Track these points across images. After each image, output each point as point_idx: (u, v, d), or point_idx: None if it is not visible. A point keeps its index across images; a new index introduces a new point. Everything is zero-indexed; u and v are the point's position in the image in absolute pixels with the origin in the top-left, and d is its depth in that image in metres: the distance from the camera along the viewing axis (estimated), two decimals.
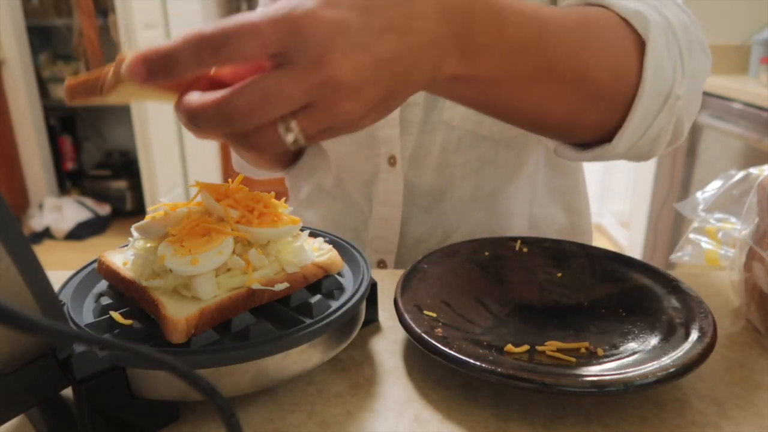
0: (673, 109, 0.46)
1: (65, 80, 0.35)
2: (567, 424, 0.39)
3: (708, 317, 0.44)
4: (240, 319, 0.40)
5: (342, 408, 0.41)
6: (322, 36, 0.30)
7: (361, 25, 0.31)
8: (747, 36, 2.19)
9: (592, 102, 0.45)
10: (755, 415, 0.40)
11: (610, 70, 0.45)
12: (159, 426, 0.38)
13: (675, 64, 0.46)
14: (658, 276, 0.51)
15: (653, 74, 0.45)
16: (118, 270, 0.43)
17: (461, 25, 0.36)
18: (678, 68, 0.46)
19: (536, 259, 0.56)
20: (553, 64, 0.42)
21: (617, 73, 0.45)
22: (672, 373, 0.37)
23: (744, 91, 1.94)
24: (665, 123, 0.47)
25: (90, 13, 2.98)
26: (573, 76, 0.43)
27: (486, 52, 0.38)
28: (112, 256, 0.45)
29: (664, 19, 0.46)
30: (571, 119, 0.47)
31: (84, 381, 0.34)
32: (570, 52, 0.43)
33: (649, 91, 0.45)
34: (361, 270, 0.46)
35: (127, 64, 0.30)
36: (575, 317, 0.49)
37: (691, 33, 0.48)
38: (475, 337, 0.45)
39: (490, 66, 0.39)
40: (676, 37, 0.46)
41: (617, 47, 0.45)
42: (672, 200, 2.33)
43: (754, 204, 0.50)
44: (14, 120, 2.98)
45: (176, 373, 0.23)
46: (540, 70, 0.42)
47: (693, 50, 0.47)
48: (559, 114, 0.46)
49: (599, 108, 0.46)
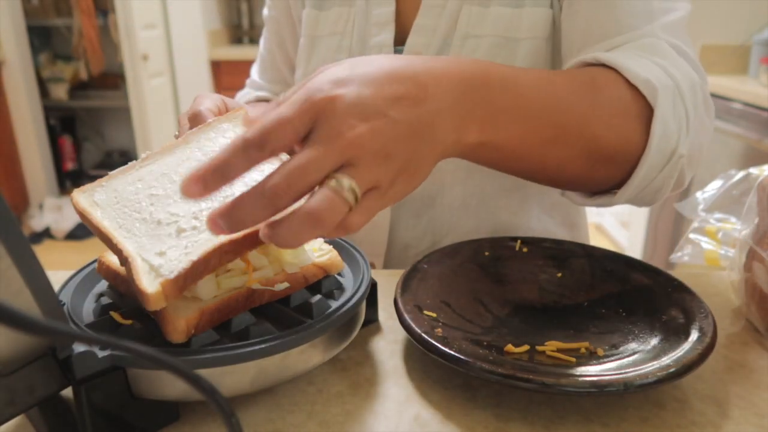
0: (677, 165, 0.49)
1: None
2: (567, 424, 0.39)
3: (708, 317, 0.44)
4: (240, 319, 0.40)
5: (342, 408, 0.41)
6: (340, 111, 0.33)
7: (374, 96, 0.34)
8: (747, 36, 2.19)
9: (603, 162, 0.48)
10: (755, 415, 0.40)
11: (619, 135, 0.47)
12: (159, 426, 0.38)
13: (680, 125, 0.48)
14: (658, 276, 0.51)
15: (659, 138, 0.47)
16: (118, 270, 0.43)
17: (479, 94, 0.39)
18: (683, 129, 0.49)
19: (536, 259, 0.56)
20: (566, 130, 0.45)
21: (626, 137, 0.48)
22: (672, 373, 0.37)
23: (744, 91, 1.94)
24: (668, 177, 0.50)
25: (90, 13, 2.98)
26: (585, 140, 0.46)
27: (504, 121, 0.41)
28: (112, 256, 0.45)
29: (673, 81, 0.49)
30: (583, 177, 0.50)
31: (84, 381, 0.34)
32: (581, 119, 0.46)
33: (654, 153, 0.47)
34: (361, 270, 0.46)
35: (209, 224, 0.33)
36: (575, 317, 0.49)
37: (697, 93, 0.50)
38: (475, 337, 0.45)
39: (508, 133, 0.42)
40: (683, 99, 0.49)
41: (626, 113, 0.48)
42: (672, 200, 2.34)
43: (754, 204, 0.50)
44: (14, 120, 2.98)
45: (177, 373, 0.23)
46: (554, 136, 0.45)
47: (698, 110, 0.50)
48: (574, 173, 0.49)
49: (609, 167, 0.49)
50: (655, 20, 0.53)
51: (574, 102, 0.46)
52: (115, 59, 3.05)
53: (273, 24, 0.76)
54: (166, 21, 3.03)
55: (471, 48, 0.61)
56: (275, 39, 0.76)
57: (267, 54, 0.78)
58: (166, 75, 3.11)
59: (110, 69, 3.24)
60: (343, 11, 0.66)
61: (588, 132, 0.46)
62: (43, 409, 0.38)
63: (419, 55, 0.52)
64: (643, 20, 0.53)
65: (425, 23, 0.63)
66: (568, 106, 0.45)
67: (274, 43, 0.77)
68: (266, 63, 0.79)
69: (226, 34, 3.61)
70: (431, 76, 0.37)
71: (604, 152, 0.48)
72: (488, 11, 0.61)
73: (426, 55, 0.43)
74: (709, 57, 2.22)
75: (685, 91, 0.49)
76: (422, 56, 0.39)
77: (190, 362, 0.36)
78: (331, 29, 0.67)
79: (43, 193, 3.15)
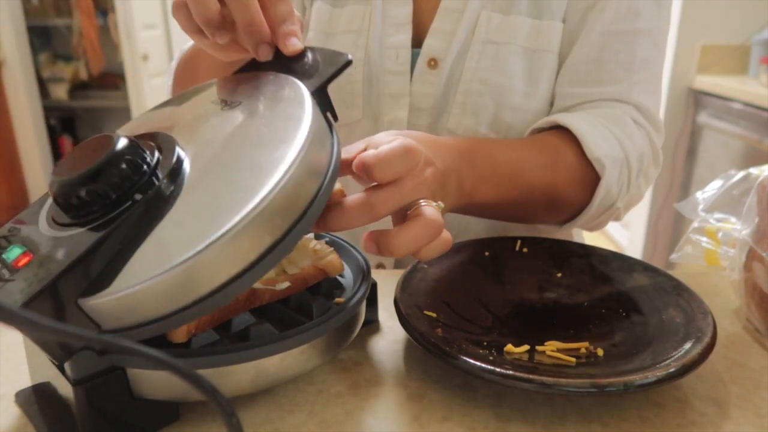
0: (613, 213, 0.64)
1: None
2: (567, 424, 0.39)
3: (708, 317, 0.44)
4: (240, 319, 0.40)
5: (342, 408, 0.41)
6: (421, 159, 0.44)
7: (428, 153, 0.46)
8: (747, 36, 2.19)
9: (561, 209, 0.62)
10: (755, 415, 0.40)
11: (571, 193, 0.60)
12: (159, 426, 0.38)
13: (621, 187, 0.61)
14: (658, 276, 0.51)
15: (600, 199, 0.60)
16: None
17: (468, 161, 0.52)
18: (623, 189, 0.62)
19: (536, 259, 0.56)
20: (532, 188, 0.57)
21: (575, 195, 0.61)
22: (672, 373, 0.37)
23: (744, 91, 1.94)
24: (603, 220, 0.65)
25: (90, 13, 2.98)
26: (547, 196, 0.59)
27: (485, 183, 0.53)
28: None
29: (624, 152, 0.60)
30: (547, 219, 0.65)
31: (84, 381, 0.34)
32: (543, 181, 0.58)
33: (595, 209, 0.61)
34: (361, 270, 0.46)
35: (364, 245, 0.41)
36: (575, 317, 0.49)
37: (643, 161, 0.63)
38: (475, 337, 0.45)
39: (490, 193, 0.54)
40: (629, 167, 0.61)
41: (579, 180, 0.60)
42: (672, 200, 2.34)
43: (754, 204, 0.50)
44: (14, 120, 2.98)
45: (177, 373, 0.23)
46: (524, 194, 0.57)
47: (641, 173, 0.63)
48: (540, 217, 0.64)
49: (561, 214, 0.63)
50: (634, 74, 0.62)
51: (539, 169, 0.58)
52: (115, 59, 3.05)
53: None
54: (166, 21, 3.03)
55: (490, 54, 0.63)
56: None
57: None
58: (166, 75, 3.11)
59: (110, 69, 3.24)
60: (359, 9, 0.67)
61: (550, 189, 0.59)
62: (43, 409, 0.38)
63: (435, 65, 0.64)
64: (624, 71, 0.62)
65: (443, 27, 0.64)
66: (534, 173, 0.57)
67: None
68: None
69: None
70: (445, 148, 0.50)
71: (562, 202, 0.61)
72: (508, 19, 0.62)
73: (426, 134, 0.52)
74: (708, 57, 2.22)
75: (632, 161, 0.61)
76: (426, 135, 0.50)
77: (191, 362, 0.36)
78: (346, 27, 0.67)
79: (43, 193, 3.15)
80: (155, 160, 0.37)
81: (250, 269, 0.34)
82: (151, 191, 0.35)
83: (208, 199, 0.34)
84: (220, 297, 0.33)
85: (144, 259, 0.33)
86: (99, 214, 0.34)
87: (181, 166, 0.36)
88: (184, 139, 0.39)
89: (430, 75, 0.64)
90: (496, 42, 0.63)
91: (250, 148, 0.36)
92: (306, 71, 0.43)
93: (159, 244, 0.33)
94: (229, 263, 0.33)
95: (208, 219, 0.33)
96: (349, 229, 0.41)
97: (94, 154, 0.35)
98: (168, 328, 0.34)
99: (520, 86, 0.63)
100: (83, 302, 0.32)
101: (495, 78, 0.63)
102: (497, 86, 0.63)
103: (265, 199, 0.33)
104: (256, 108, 0.40)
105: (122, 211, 0.34)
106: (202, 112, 0.42)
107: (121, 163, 0.35)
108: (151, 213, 0.34)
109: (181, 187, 0.35)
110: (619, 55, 0.62)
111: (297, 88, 0.40)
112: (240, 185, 0.34)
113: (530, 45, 0.63)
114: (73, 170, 0.35)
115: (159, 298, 0.32)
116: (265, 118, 0.39)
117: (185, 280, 0.32)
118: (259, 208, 0.33)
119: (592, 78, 0.63)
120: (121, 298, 0.32)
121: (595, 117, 0.61)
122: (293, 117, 0.37)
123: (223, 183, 0.35)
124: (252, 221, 0.33)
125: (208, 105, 0.43)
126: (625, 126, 0.61)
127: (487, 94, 0.63)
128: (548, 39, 0.63)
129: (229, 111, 0.41)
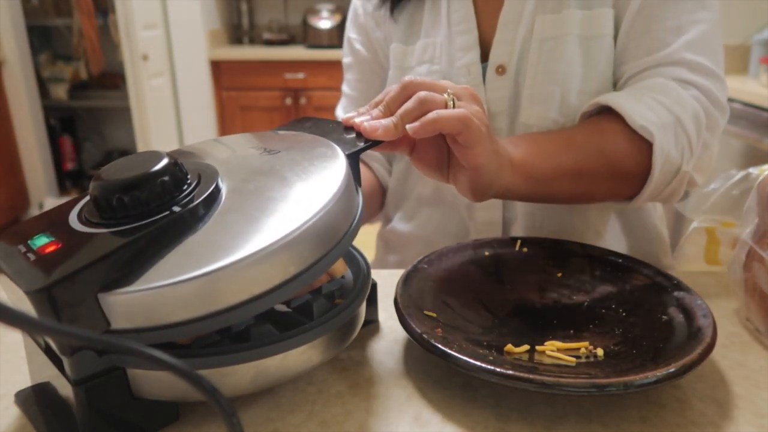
0: (683, 179, 0.62)
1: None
2: (567, 424, 0.39)
3: (708, 317, 0.44)
4: None
5: (342, 408, 0.41)
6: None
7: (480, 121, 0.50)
8: (747, 36, 2.19)
9: (623, 179, 0.61)
10: (755, 415, 0.40)
11: (630, 160, 0.60)
12: (159, 426, 0.38)
13: (683, 150, 0.60)
14: (658, 276, 0.51)
15: (661, 164, 0.59)
16: None
17: (511, 142, 0.56)
18: (686, 152, 0.60)
19: (536, 259, 0.56)
20: (586, 156, 0.59)
21: (635, 162, 0.60)
22: (672, 373, 0.37)
23: (744, 91, 1.94)
24: (676, 187, 0.63)
25: (90, 13, 2.98)
26: (604, 164, 0.59)
27: (535, 156, 0.57)
28: None
29: (672, 117, 0.59)
30: (613, 193, 0.63)
31: (84, 381, 0.34)
32: (597, 148, 0.59)
33: (658, 174, 0.59)
34: (361, 270, 0.46)
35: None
36: (575, 317, 0.49)
37: (701, 119, 0.61)
38: (475, 337, 0.45)
39: (543, 164, 0.57)
40: (685, 130, 0.60)
41: (632, 149, 0.60)
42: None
43: (754, 204, 0.50)
44: (14, 120, 2.98)
45: (178, 373, 0.23)
46: (578, 162, 0.59)
47: (702, 130, 0.61)
48: (604, 191, 0.63)
49: (629, 183, 0.62)
50: (683, 35, 0.63)
51: (588, 139, 0.60)
52: (115, 59, 3.05)
53: (358, 66, 0.82)
54: (166, 21, 3.03)
55: (549, 49, 0.66)
56: (362, 78, 0.82)
57: (356, 93, 0.83)
58: (166, 75, 3.10)
59: (110, 69, 3.24)
60: (429, 42, 0.73)
61: (603, 159, 0.59)
62: (43, 409, 0.38)
63: (503, 71, 0.68)
64: (672, 36, 0.63)
65: (505, 38, 0.68)
66: (584, 145, 0.59)
67: (363, 83, 0.83)
68: (355, 100, 0.83)
69: (226, 34, 3.61)
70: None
71: (618, 173, 0.60)
72: (561, 16, 0.66)
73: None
74: None
75: (687, 123, 0.60)
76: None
77: (191, 362, 0.36)
78: (419, 59, 0.73)
79: (43, 193, 3.15)
80: (196, 181, 0.39)
81: (270, 293, 0.35)
82: (187, 207, 0.37)
83: (242, 221, 0.36)
84: (236, 314, 0.34)
85: (170, 265, 0.34)
86: (134, 219, 0.36)
87: (219, 192, 0.40)
88: (223, 172, 0.42)
89: (500, 81, 0.68)
90: (553, 37, 0.66)
91: (285, 186, 0.40)
92: (340, 139, 0.47)
93: (187, 254, 0.35)
94: (253, 283, 0.35)
95: (239, 238, 0.35)
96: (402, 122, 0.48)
97: (141, 165, 0.38)
98: (179, 336, 0.34)
99: (579, 70, 0.66)
100: (102, 296, 0.33)
101: (556, 66, 0.66)
102: (559, 73, 0.66)
103: (298, 229, 0.35)
104: (293, 157, 0.43)
105: (156, 219, 0.36)
106: (243, 154, 0.45)
107: (166, 176, 0.37)
108: (184, 225, 0.37)
109: (216, 210, 0.38)
110: (666, 23, 0.63)
111: (333, 148, 0.44)
112: (273, 215, 0.37)
113: (584, 33, 0.66)
114: (119, 175, 0.37)
115: (177, 303, 0.34)
116: (302, 165, 0.42)
117: (207, 291, 0.34)
118: (291, 237, 0.35)
119: (642, 50, 0.64)
120: (140, 296, 0.33)
121: (638, 90, 0.62)
122: (329, 168, 0.41)
123: (257, 211, 0.37)
124: (282, 247, 0.35)
125: (248, 150, 0.46)
126: (670, 91, 0.61)
127: (552, 82, 0.66)
128: (600, 24, 0.65)
129: (268, 156, 0.44)
